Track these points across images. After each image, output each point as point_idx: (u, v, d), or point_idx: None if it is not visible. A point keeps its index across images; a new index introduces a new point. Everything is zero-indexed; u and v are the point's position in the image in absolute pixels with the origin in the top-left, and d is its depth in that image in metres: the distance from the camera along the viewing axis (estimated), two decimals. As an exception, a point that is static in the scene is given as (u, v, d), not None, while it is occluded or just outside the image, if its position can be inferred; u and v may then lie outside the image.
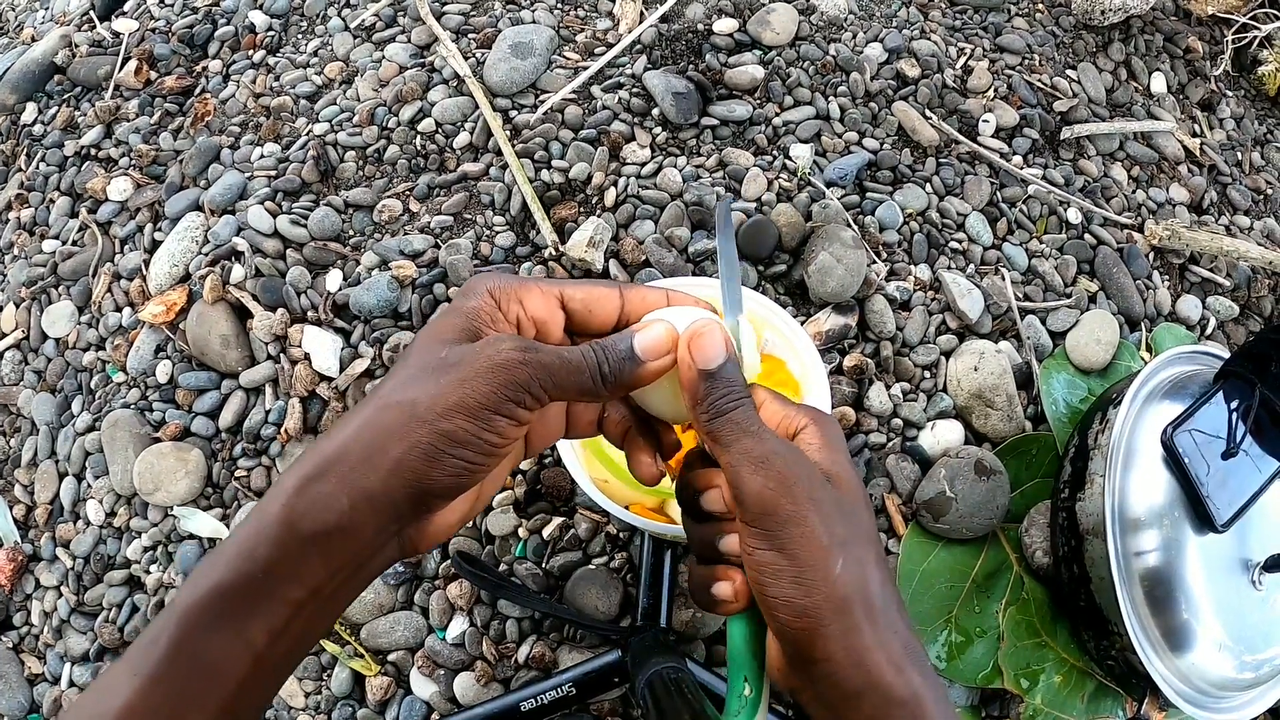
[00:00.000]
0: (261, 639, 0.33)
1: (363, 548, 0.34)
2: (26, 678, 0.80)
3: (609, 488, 0.60)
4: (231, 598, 0.33)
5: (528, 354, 0.35)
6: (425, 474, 0.34)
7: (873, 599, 0.34)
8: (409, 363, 0.36)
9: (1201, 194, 1.01)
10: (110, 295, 0.89)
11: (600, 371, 0.36)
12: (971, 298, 0.83)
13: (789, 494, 0.34)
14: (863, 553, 0.35)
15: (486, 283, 0.38)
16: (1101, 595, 0.65)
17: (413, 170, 0.90)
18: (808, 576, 0.33)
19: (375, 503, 0.34)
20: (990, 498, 0.72)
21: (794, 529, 0.34)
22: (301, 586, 0.34)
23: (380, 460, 0.33)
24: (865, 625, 0.33)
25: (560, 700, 0.65)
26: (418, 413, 0.34)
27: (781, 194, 0.86)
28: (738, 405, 0.36)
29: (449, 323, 0.37)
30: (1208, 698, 0.65)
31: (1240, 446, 0.67)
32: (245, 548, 0.33)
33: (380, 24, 1.02)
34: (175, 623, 0.33)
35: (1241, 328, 0.94)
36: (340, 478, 0.33)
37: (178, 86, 1.01)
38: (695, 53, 0.95)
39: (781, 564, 0.34)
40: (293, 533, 0.33)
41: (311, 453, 0.35)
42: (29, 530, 0.85)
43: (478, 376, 0.34)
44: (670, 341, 0.38)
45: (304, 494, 0.33)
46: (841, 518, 0.35)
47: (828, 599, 0.33)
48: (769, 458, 0.35)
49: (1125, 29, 1.09)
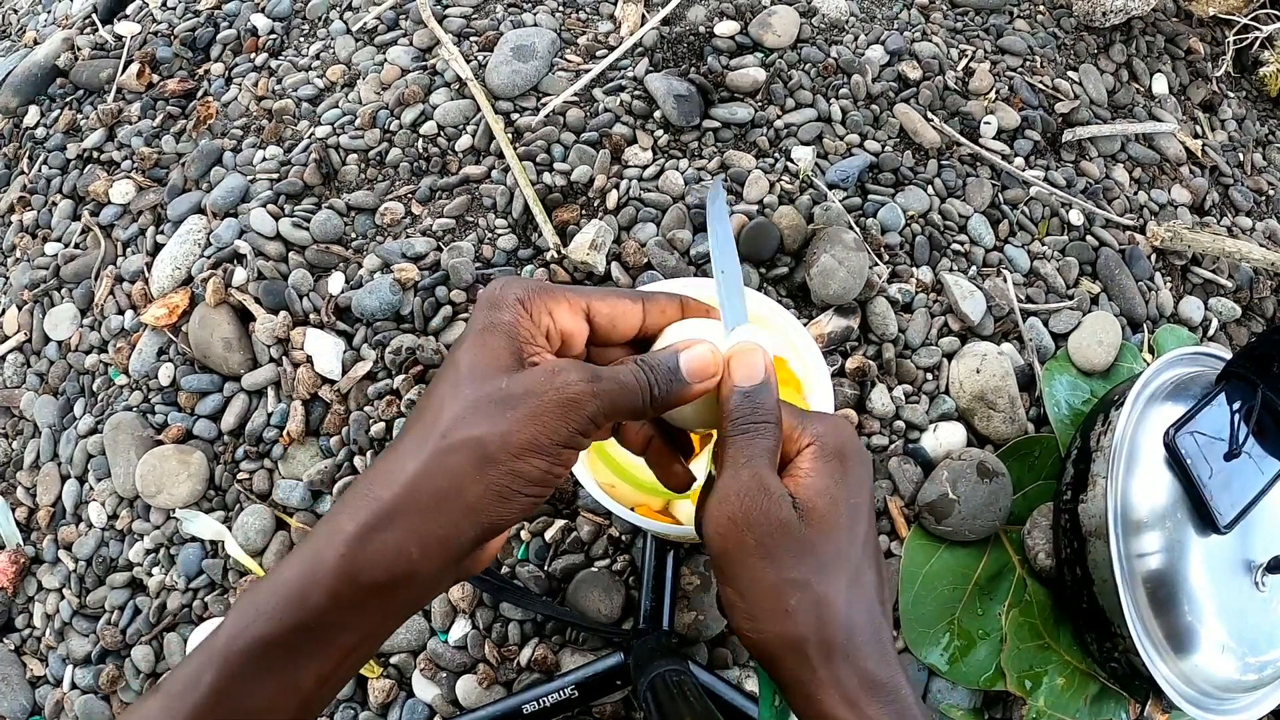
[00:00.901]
0: (310, 684, 0.33)
1: (425, 590, 0.34)
2: (28, 680, 0.80)
3: (615, 492, 0.60)
4: (280, 647, 0.32)
5: (595, 385, 0.34)
6: (497, 513, 0.33)
7: (831, 634, 0.34)
8: (463, 393, 0.34)
9: (1203, 195, 1.01)
10: (112, 298, 0.89)
11: (651, 393, 0.36)
12: (973, 300, 0.83)
13: (739, 539, 0.35)
14: (828, 588, 0.35)
15: (514, 292, 0.36)
16: (1104, 597, 0.65)
17: (415, 173, 0.90)
18: (757, 615, 0.35)
19: (446, 547, 0.33)
20: (992, 500, 0.72)
21: (741, 570, 0.35)
22: (356, 633, 0.33)
23: (452, 505, 0.32)
24: (819, 662, 0.34)
25: (563, 703, 0.65)
26: (488, 453, 0.32)
27: (783, 196, 0.86)
28: (748, 431, 0.37)
29: (494, 344, 0.35)
30: (1211, 699, 0.65)
31: (1243, 448, 0.67)
32: (297, 595, 0.32)
33: (382, 27, 1.02)
34: (218, 667, 0.32)
35: (1244, 329, 0.94)
36: (409, 527, 0.32)
37: (180, 89, 1.01)
38: (697, 55, 0.95)
39: (735, 600, 0.35)
40: (353, 584, 0.32)
41: (367, 495, 0.33)
42: (31, 532, 0.85)
43: (548, 412, 0.33)
44: (716, 365, 0.38)
45: (367, 544, 0.32)
46: (804, 555, 0.35)
47: (779, 637, 0.34)
48: (728, 498, 0.35)
49: (1126, 30, 1.09)
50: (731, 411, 0.37)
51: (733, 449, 0.36)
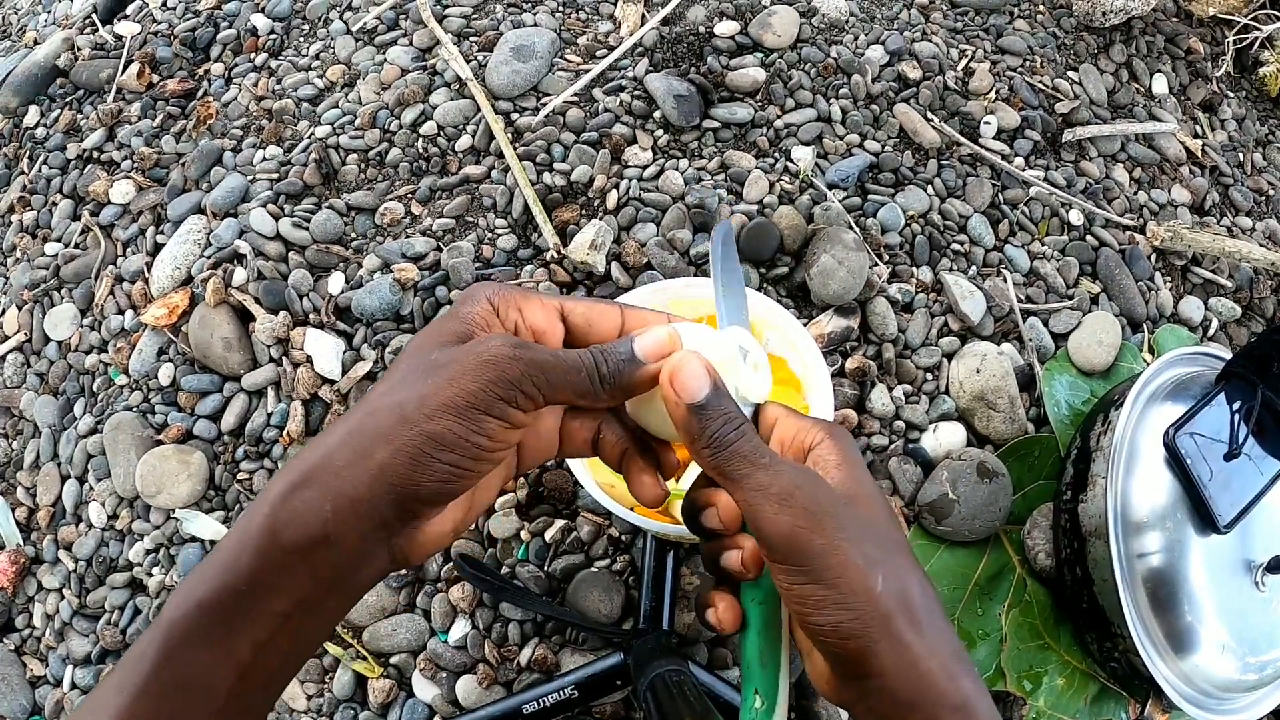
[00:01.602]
0: (247, 652, 0.32)
1: (348, 557, 0.33)
2: (28, 680, 0.80)
3: (615, 492, 0.60)
4: (215, 611, 0.32)
5: (519, 350, 0.34)
6: (410, 478, 0.32)
7: (915, 609, 0.34)
8: (399, 366, 0.35)
9: (1203, 195, 1.01)
10: (112, 298, 0.89)
11: (599, 372, 0.35)
12: (973, 300, 0.83)
13: (818, 527, 0.33)
14: (897, 564, 0.34)
15: (486, 290, 0.37)
16: (1104, 597, 0.65)
17: (414, 173, 0.90)
18: (851, 601, 0.33)
19: (359, 509, 0.32)
20: (992, 500, 0.72)
21: (830, 559, 0.33)
22: (286, 598, 0.32)
23: (365, 465, 0.32)
24: (911, 636, 0.33)
25: (562, 703, 0.65)
26: (403, 414, 0.32)
27: (783, 196, 0.86)
28: (738, 435, 0.35)
29: (443, 327, 0.36)
30: (1211, 699, 0.65)
31: (1242, 448, 0.67)
32: (229, 560, 0.32)
33: (382, 27, 1.02)
34: (161, 637, 0.32)
35: (1244, 329, 0.94)
36: (323, 485, 0.32)
37: (180, 89, 1.01)
38: (697, 55, 0.95)
39: (822, 593, 0.33)
40: (275, 543, 0.32)
41: (297, 460, 0.34)
42: (31, 533, 0.85)
43: (466, 375, 0.33)
44: (671, 343, 0.37)
45: (287, 503, 0.32)
46: (870, 536, 0.34)
47: (873, 616, 0.33)
48: (790, 492, 0.33)
49: (1126, 30, 1.09)
50: (703, 426, 0.35)
51: (737, 456, 0.35)
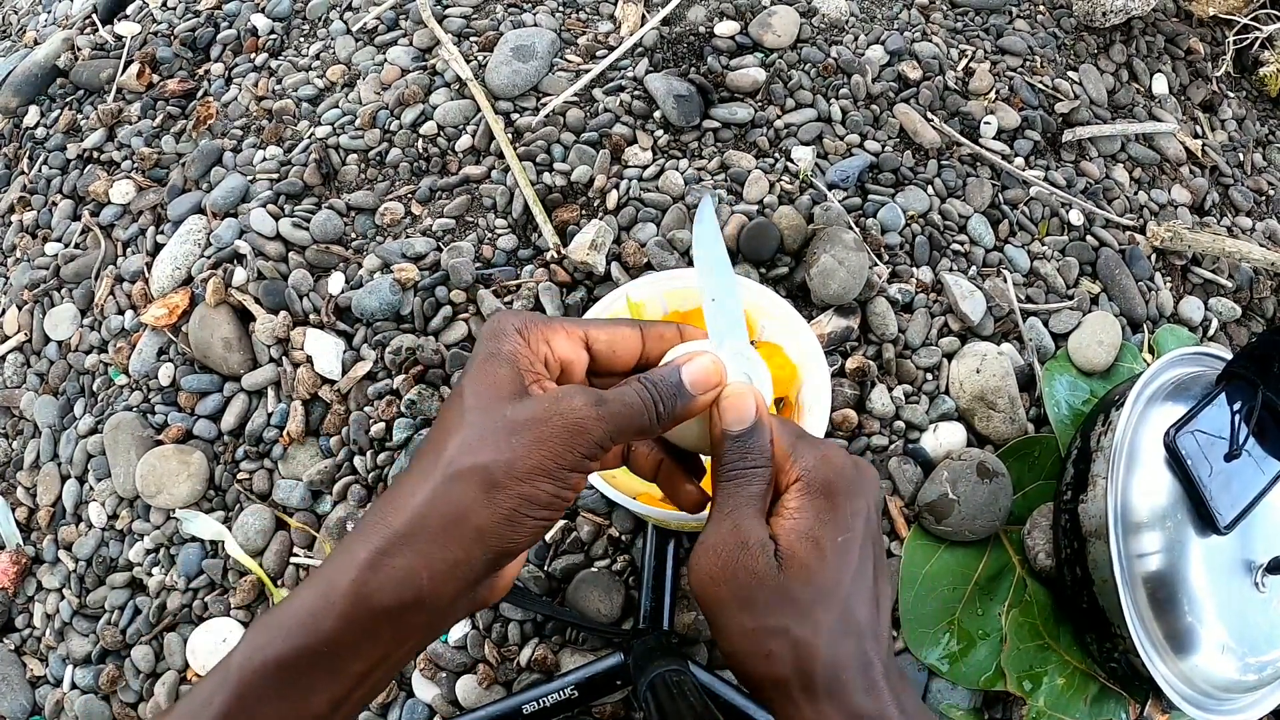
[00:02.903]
0: (323, 708, 0.33)
1: (438, 616, 0.34)
2: (29, 680, 0.80)
3: (618, 481, 0.61)
4: (293, 670, 0.32)
5: (600, 409, 0.35)
6: (507, 538, 0.34)
7: (812, 675, 0.34)
8: (469, 421, 0.35)
9: (1203, 195, 1.01)
10: (112, 298, 0.89)
11: (656, 410, 0.37)
12: (973, 300, 0.83)
13: (716, 592, 0.36)
14: (807, 630, 0.35)
15: (513, 322, 0.37)
16: (1104, 597, 0.65)
17: (415, 173, 0.90)
18: (740, 659, 0.36)
19: (456, 572, 0.33)
20: (992, 500, 0.72)
21: (721, 619, 0.36)
22: (369, 659, 0.33)
23: (461, 530, 0.33)
24: (803, 701, 0.35)
25: (563, 703, 0.65)
26: (494, 479, 0.33)
27: (783, 196, 0.86)
28: (735, 478, 0.37)
29: (497, 372, 0.36)
30: (1211, 700, 0.65)
31: (1243, 448, 0.67)
32: (309, 620, 0.32)
33: (382, 27, 1.02)
34: (230, 688, 0.32)
35: (1244, 329, 0.94)
36: (418, 551, 0.33)
37: (180, 89, 1.01)
38: (697, 55, 0.95)
39: (721, 644, 0.37)
40: (364, 608, 0.32)
41: (378, 523, 0.34)
42: (31, 533, 0.85)
43: (554, 438, 0.34)
44: (718, 374, 0.39)
45: (378, 569, 0.32)
46: (782, 603, 0.35)
47: (766, 677, 0.35)
48: (710, 551, 0.36)
49: (1126, 30, 1.09)
50: (723, 455, 0.38)
51: (720, 496, 0.37)
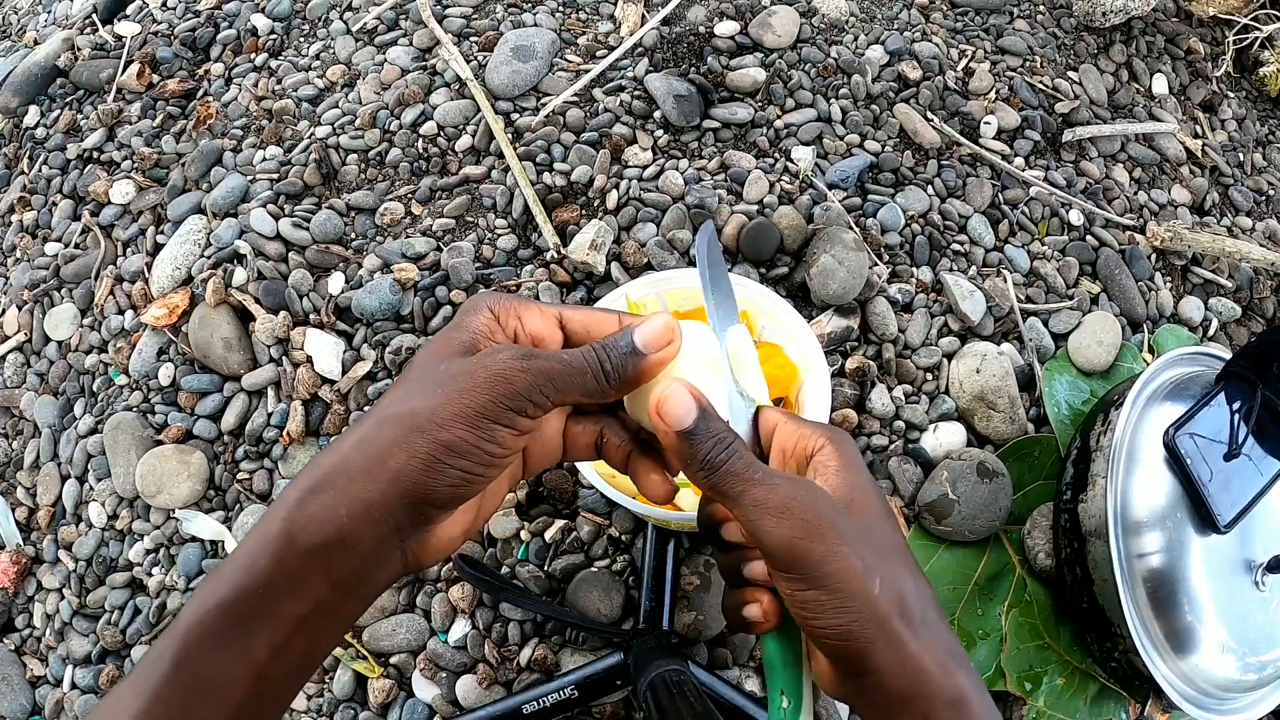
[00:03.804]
0: (264, 655, 0.33)
1: (363, 560, 0.34)
2: (29, 680, 0.80)
3: (617, 481, 0.61)
4: (233, 614, 0.33)
5: (526, 361, 0.35)
6: (424, 484, 0.34)
7: (911, 610, 0.35)
8: (409, 376, 0.36)
9: (1203, 195, 1.01)
10: (112, 298, 0.89)
11: (603, 369, 0.37)
12: (973, 300, 0.83)
13: (818, 537, 0.34)
14: (893, 566, 0.36)
15: (486, 300, 0.38)
16: (1104, 597, 0.65)
17: (415, 173, 0.90)
18: (850, 605, 0.34)
19: (373, 513, 0.34)
20: (992, 500, 0.72)
21: (829, 567, 0.34)
22: (303, 601, 0.33)
23: (379, 471, 0.34)
24: (908, 635, 0.34)
25: (562, 703, 0.65)
26: (417, 423, 0.34)
27: (783, 196, 0.86)
28: (729, 455, 0.36)
29: (449, 338, 0.37)
30: (1211, 699, 0.65)
31: (1242, 448, 0.67)
32: (246, 563, 0.33)
33: (382, 27, 1.02)
34: (178, 640, 0.32)
35: (1244, 329, 0.94)
36: (339, 490, 0.34)
37: (180, 90, 1.01)
38: (697, 55, 0.95)
39: (823, 599, 0.34)
40: (292, 546, 0.33)
41: (312, 466, 0.35)
42: (31, 533, 0.85)
43: (477, 387, 0.34)
44: (670, 332, 0.38)
45: (304, 507, 0.34)
46: (867, 541, 0.35)
47: (871, 618, 0.34)
48: (788, 505, 0.35)
49: (1126, 30, 1.09)
50: (693, 452, 0.36)
51: (731, 475, 0.36)
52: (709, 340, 0.41)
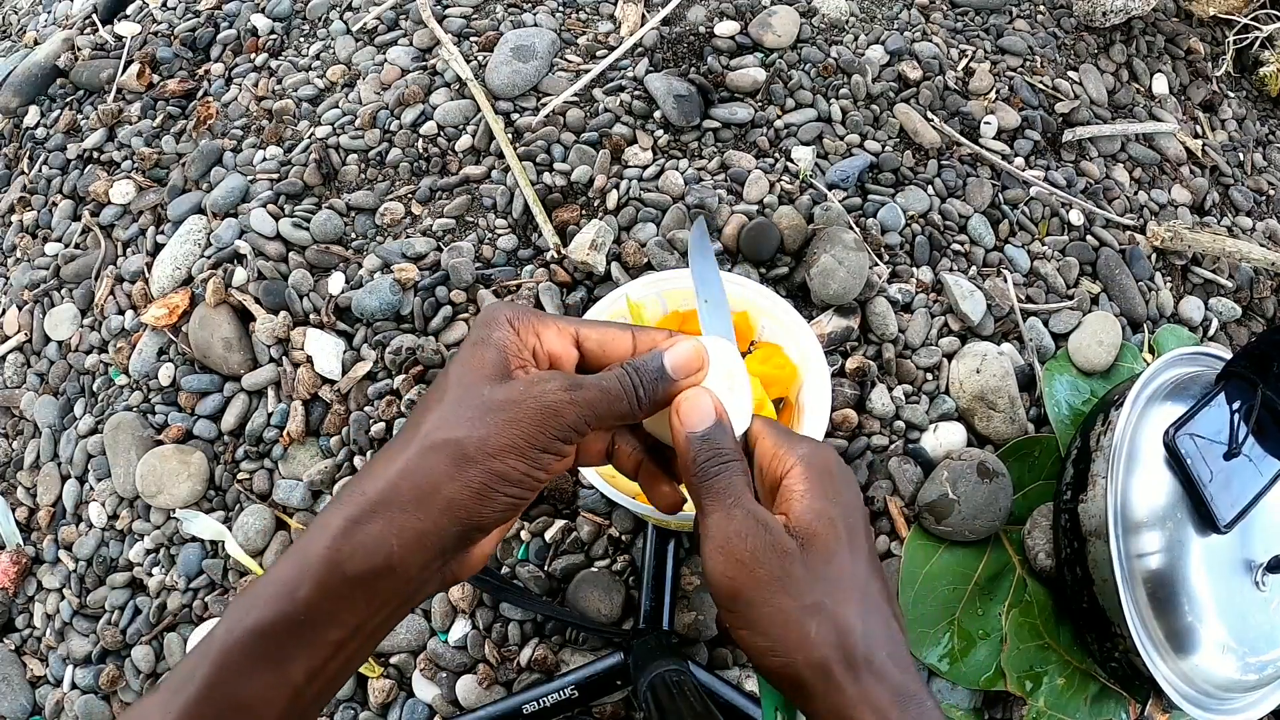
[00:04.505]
0: (300, 678, 0.33)
1: (408, 585, 0.35)
2: (29, 680, 0.80)
3: (617, 482, 0.61)
4: (271, 639, 0.33)
5: (574, 393, 0.36)
6: (476, 511, 0.35)
7: (853, 652, 0.35)
8: (449, 399, 0.36)
9: (1204, 195, 1.01)
10: (113, 298, 0.89)
11: (637, 395, 0.37)
12: (973, 300, 0.83)
13: (752, 582, 0.35)
14: (844, 606, 0.35)
15: (505, 313, 0.38)
16: (1104, 597, 0.65)
17: (415, 173, 0.90)
18: (782, 648, 0.35)
19: (424, 541, 0.34)
20: (993, 500, 0.72)
21: (758, 611, 0.35)
22: (344, 627, 0.34)
23: (431, 501, 0.34)
24: (846, 680, 0.34)
25: (563, 703, 0.65)
26: (467, 453, 0.34)
27: (783, 196, 0.86)
28: (720, 472, 0.37)
29: (482, 357, 0.37)
30: (1211, 699, 0.65)
31: (1242, 448, 0.67)
32: (286, 588, 0.33)
33: (382, 27, 1.02)
34: (211, 662, 0.32)
35: (1244, 329, 0.94)
36: (389, 519, 0.34)
37: (180, 90, 1.01)
38: (697, 55, 0.95)
39: (756, 640, 0.35)
40: (338, 574, 0.33)
41: (354, 493, 0.35)
42: (31, 533, 0.85)
43: (527, 419, 0.35)
44: (699, 358, 0.39)
45: (350, 535, 0.34)
46: (814, 580, 0.35)
47: (806, 663, 0.34)
48: (729, 541, 0.35)
49: (1126, 30, 1.09)
50: (694, 456, 0.37)
51: (710, 492, 0.37)
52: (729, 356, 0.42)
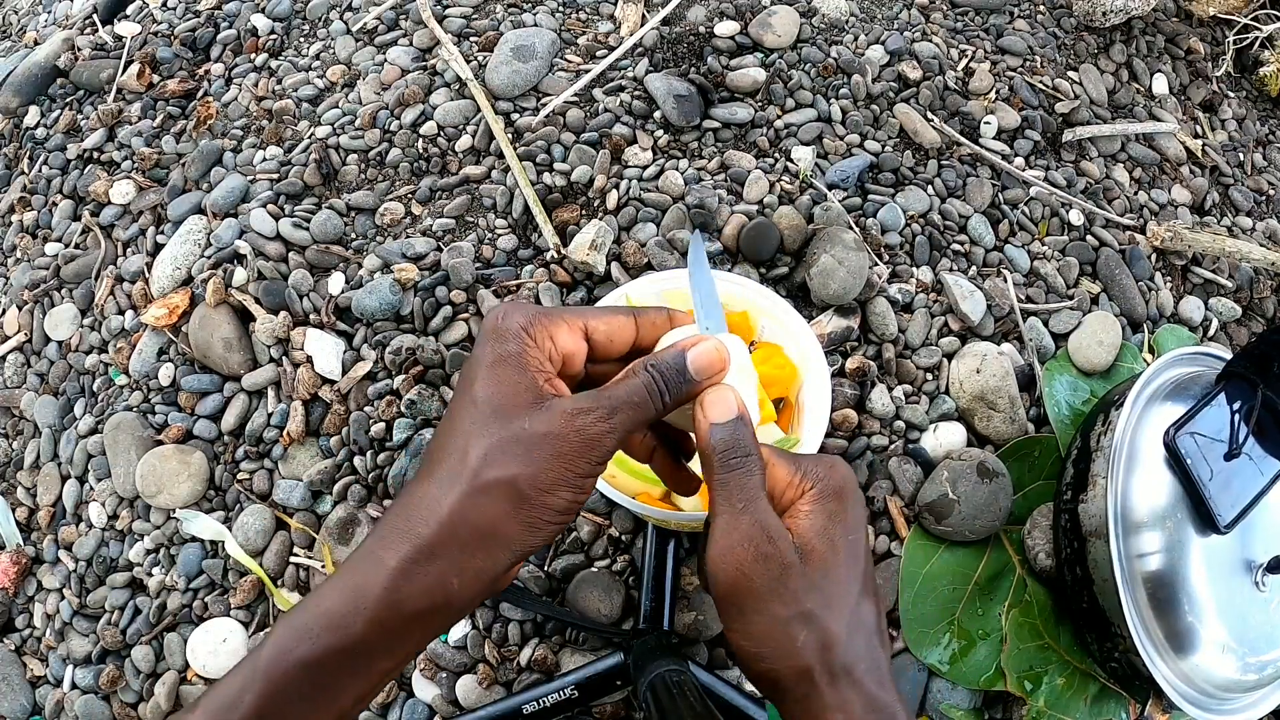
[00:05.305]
0: (349, 704, 0.35)
1: (461, 615, 0.36)
2: (29, 680, 0.80)
3: (616, 481, 0.61)
4: (323, 671, 0.34)
5: (612, 420, 0.37)
6: (530, 543, 0.36)
7: (835, 662, 0.36)
8: (490, 431, 0.36)
9: (1203, 195, 1.01)
10: (113, 298, 0.89)
11: (662, 400, 0.38)
12: (973, 300, 0.83)
13: (748, 586, 0.37)
14: (830, 620, 0.37)
15: (517, 320, 0.38)
16: (1104, 597, 0.65)
17: (415, 173, 0.90)
18: (769, 653, 0.37)
19: (483, 576, 0.36)
20: (993, 500, 0.72)
21: (752, 616, 0.37)
22: (395, 658, 0.36)
23: (493, 543, 0.35)
24: (825, 689, 0.36)
25: (563, 703, 0.65)
26: (522, 493, 0.35)
27: (783, 196, 0.86)
28: (738, 467, 0.38)
29: (508, 378, 0.37)
30: (1211, 700, 0.65)
31: (1242, 448, 0.67)
32: (340, 621, 0.34)
33: (382, 27, 1.02)
34: (260, 687, 0.33)
35: (1244, 329, 0.94)
36: (451, 561, 0.35)
37: (180, 90, 1.01)
38: (697, 55, 0.95)
39: (745, 644, 0.37)
40: (396, 612, 0.34)
41: (407, 531, 0.35)
42: (31, 533, 0.85)
43: (573, 452, 0.36)
44: (721, 360, 0.39)
45: (411, 577, 0.34)
46: (809, 590, 0.37)
47: (790, 670, 0.36)
48: (734, 547, 0.37)
49: (1126, 30, 1.09)
50: (715, 449, 0.38)
51: (724, 490, 0.38)
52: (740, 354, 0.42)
